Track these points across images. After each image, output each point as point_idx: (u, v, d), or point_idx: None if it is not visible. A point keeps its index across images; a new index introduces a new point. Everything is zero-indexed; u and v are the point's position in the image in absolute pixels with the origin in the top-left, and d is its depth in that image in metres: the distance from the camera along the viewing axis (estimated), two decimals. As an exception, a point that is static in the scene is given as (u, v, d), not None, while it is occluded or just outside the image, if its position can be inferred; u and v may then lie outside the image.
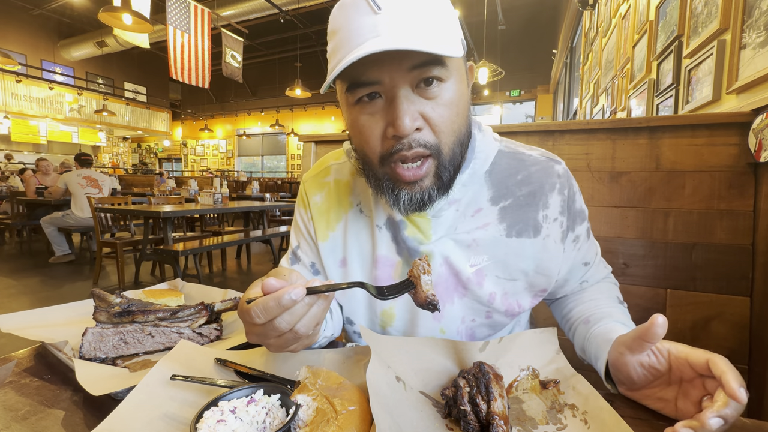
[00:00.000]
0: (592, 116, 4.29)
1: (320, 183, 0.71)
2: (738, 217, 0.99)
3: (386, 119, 0.51)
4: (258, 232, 4.47)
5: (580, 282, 0.69)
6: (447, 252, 0.61)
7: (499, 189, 0.62)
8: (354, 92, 0.51)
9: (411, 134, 0.50)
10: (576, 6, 4.71)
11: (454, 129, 0.52)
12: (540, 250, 0.61)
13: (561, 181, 0.62)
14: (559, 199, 0.62)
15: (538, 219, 0.61)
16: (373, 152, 0.53)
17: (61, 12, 10.51)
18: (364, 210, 0.66)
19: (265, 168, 15.81)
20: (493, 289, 0.62)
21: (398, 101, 0.49)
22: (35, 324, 0.66)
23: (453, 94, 0.51)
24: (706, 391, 0.42)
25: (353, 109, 0.53)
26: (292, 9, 8.01)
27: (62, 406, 0.47)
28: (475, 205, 0.62)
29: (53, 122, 11.65)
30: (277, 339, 0.43)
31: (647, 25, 2.35)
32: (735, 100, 1.37)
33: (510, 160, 0.64)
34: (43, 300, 3.25)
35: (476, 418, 0.41)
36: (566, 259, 0.64)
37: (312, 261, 0.71)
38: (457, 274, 0.61)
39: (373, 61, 0.48)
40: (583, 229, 0.65)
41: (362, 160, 0.57)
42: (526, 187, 0.62)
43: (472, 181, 0.61)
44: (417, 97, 0.50)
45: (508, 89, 10.79)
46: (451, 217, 0.61)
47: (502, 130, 1.19)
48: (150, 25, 4.69)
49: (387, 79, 0.49)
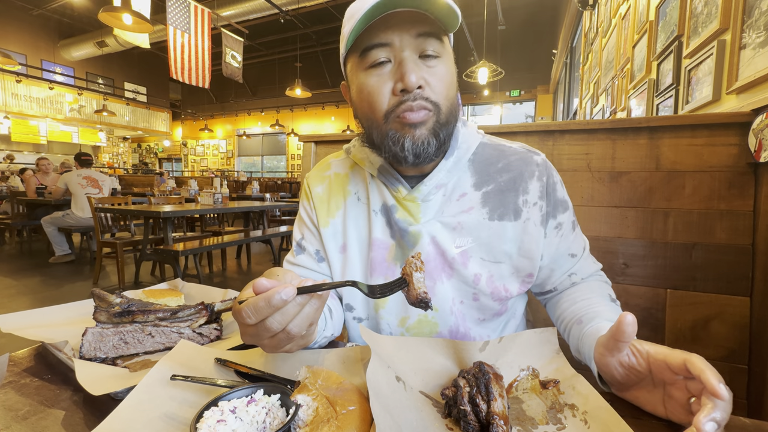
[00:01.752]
0: (592, 116, 4.29)
1: (321, 176, 0.77)
2: (738, 217, 0.99)
3: (394, 78, 0.57)
4: (258, 232, 4.47)
5: (568, 274, 0.70)
6: (434, 233, 0.66)
7: (482, 176, 0.68)
8: (366, 56, 0.58)
9: (415, 91, 0.56)
10: (576, 6, 4.71)
11: (448, 96, 0.59)
12: (521, 232, 0.65)
13: (539, 169, 0.67)
14: (538, 185, 0.66)
15: (518, 203, 0.66)
16: (379, 110, 0.59)
17: (61, 12, 10.51)
18: (361, 198, 0.72)
19: (265, 168, 15.81)
20: (478, 271, 0.65)
21: (406, 61, 0.56)
22: (35, 324, 0.66)
23: (446, 70, 0.59)
24: (690, 393, 0.41)
25: (363, 75, 0.59)
26: (292, 9, 8.01)
27: (62, 406, 0.47)
28: (460, 190, 0.67)
29: (53, 122, 11.64)
30: (271, 339, 0.43)
31: (647, 25, 2.35)
32: (735, 100, 1.37)
33: (491, 151, 0.70)
34: (43, 300, 3.25)
35: (476, 418, 0.41)
36: (549, 245, 0.67)
37: (316, 248, 0.75)
38: (443, 253, 0.66)
39: (385, 25, 0.56)
40: (567, 218, 0.68)
41: (367, 126, 0.63)
42: (507, 174, 0.67)
43: (457, 168, 0.67)
44: (420, 63, 0.57)
45: (508, 89, 10.79)
46: (438, 202, 0.67)
47: (502, 130, 1.19)
48: (150, 25, 4.70)
49: (397, 41, 0.56)
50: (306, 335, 0.47)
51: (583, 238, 0.72)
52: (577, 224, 0.71)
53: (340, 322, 0.71)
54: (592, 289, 0.67)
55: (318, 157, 1.49)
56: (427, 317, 0.68)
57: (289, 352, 0.48)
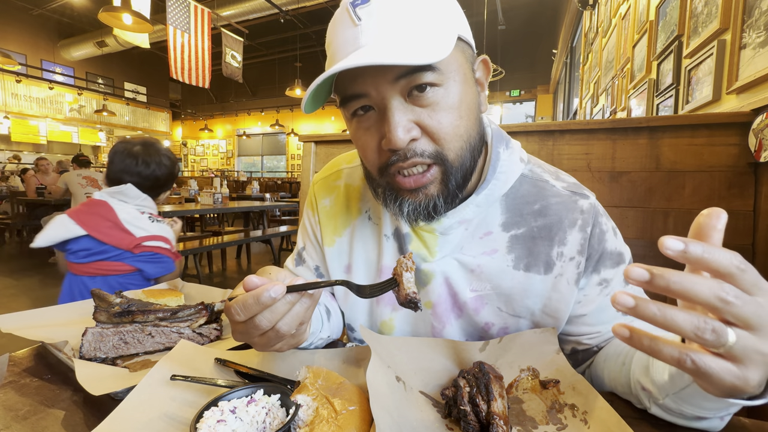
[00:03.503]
0: (592, 116, 4.29)
1: (330, 186, 0.70)
2: (738, 217, 0.99)
3: (380, 132, 0.49)
4: (258, 232, 4.47)
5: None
6: (449, 273, 0.59)
7: (513, 215, 0.58)
8: (346, 106, 0.51)
9: (406, 146, 0.48)
10: (576, 6, 4.71)
11: (459, 133, 0.50)
12: (550, 289, 0.56)
13: (584, 218, 0.56)
14: (579, 237, 0.56)
15: (551, 255, 0.56)
16: (372, 165, 0.53)
17: (61, 12, 10.50)
18: (373, 218, 0.65)
19: (265, 168, 15.80)
20: (491, 320, 0.59)
21: (389, 113, 0.47)
22: (35, 324, 0.66)
23: (453, 97, 0.49)
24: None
25: (351, 123, 0.53)
26: (292, 9, 8.01)
27: (62, 406, 0.47)
28: (486, 227, 0.58)
29: (53, 122, 11.64)
30: (261, 337, 0.43)
31: (647, 25, 2.35)
32: (735, 100, 1.37)
33: (530, 187, 0.59)
34: (43, 300, 3.25)
35: (476, 418, 0.41)
36: (587, 302, 0.57)
37: (317, 264, 0.71)
38: (455, 295, 0.59)
39: (358, 74, 0.47)
40: (618, 273, 0.56)
41: (365, 171, 0.57)
42: (543, 219, 0.57)
43: (488, 203, 0.57)
44: (411, 106, 0.48)
45: (508, 89, 10.79)
46: (459, 236, 0.58)
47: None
48: (150, 25, 4.70)
49: (373, 91, 0.47)
50: (296, 334, 0.46)
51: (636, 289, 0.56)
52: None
53: (339, 324, 0.70)
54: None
55: (318, 157, 1.49)
56: None
57: (279, 351, 0.47)
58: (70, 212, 1.35)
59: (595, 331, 0.57)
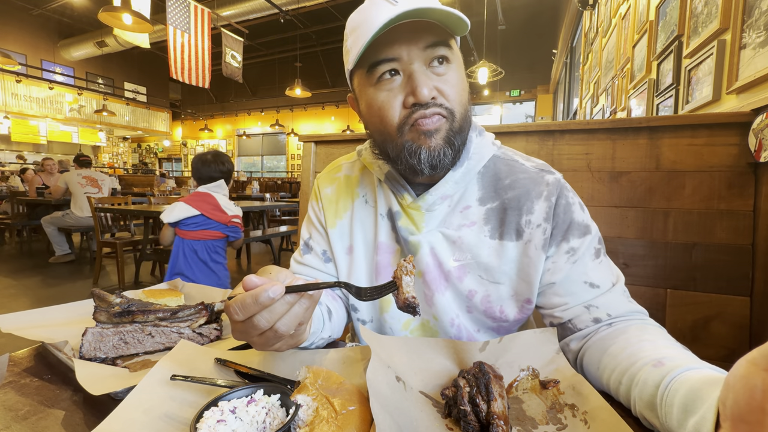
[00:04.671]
0: (592, 116, 4.29)
1: (332, 178, 0.78)
2: (738, 217, 0.99)
3: (405, 91, 0.56)
4: (258, 232, 4.46)
5: (586, 306, 0.59)
6: (434, 244, 0.65)
7: (488, 191, 0.66)
8: (374, 71, 0.57)
9: (428, 102, 0.55)
10: (576, 6, 4.71)
11: (462, 102, 0.59)
12: (521, 254, 0.63)
13: (549, 189, 0.63)
14: (545, 206, 0.62)
15: (521, 223, 0.63)
16: (392, 123, 0.58)
17: (61, 12, 10.50)
18: (369, 201, 0.72)
19: (265, 168, 15.81)
20: (473, 287, 0.64)
21: (416, 74, 0.55)
22: (35, 324, 0.66)
23: (457, 76, 0.58)
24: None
25: (372, 90, 0.58)
26: (292, 9, 8.00)
27: (62, 406, 0.47)
28: (465, 202, 0.66)
29: (53, 122, 11.64)
30: (259, 337, 0.43)
31: (647, 25, 2.35)
32: (735, 100, 1.37)
33: (502, 166, 0.67)
34: (43, 300, 3.25)
35: (476, 418, 0.41)
36: (557, 270, 0.61)
37: (323, 249, 0.75)
38: (440, 264, 0.65)
39: (392, 40, 0.54)
40: (584, 243, 0.61)
41: (381, 139, 0.62)
42: (512, 191, 0.64)
43: (464, 179, 0.65)
44: (430, 73, 0.57)
45: (508, 89, 10.79)
46: (443, 212, 0.66)
47: (502, 130, 1.19)
48: (150, 25, 4.70)
49: (405, 55, 0.55)
50: (296, 335, 0.47)
51: (612, 271, 0.62)
52: (604, 254, 0.63)
53: (340, 324, 0.70)
54: (649, 331, 0.53)
55: (318, 157, 1.49)
56: (428, 323, 0.68)
57: (279, 351, 0.48)
58: (187, 200, 2.17)
59: (564, 302, 0.61)
